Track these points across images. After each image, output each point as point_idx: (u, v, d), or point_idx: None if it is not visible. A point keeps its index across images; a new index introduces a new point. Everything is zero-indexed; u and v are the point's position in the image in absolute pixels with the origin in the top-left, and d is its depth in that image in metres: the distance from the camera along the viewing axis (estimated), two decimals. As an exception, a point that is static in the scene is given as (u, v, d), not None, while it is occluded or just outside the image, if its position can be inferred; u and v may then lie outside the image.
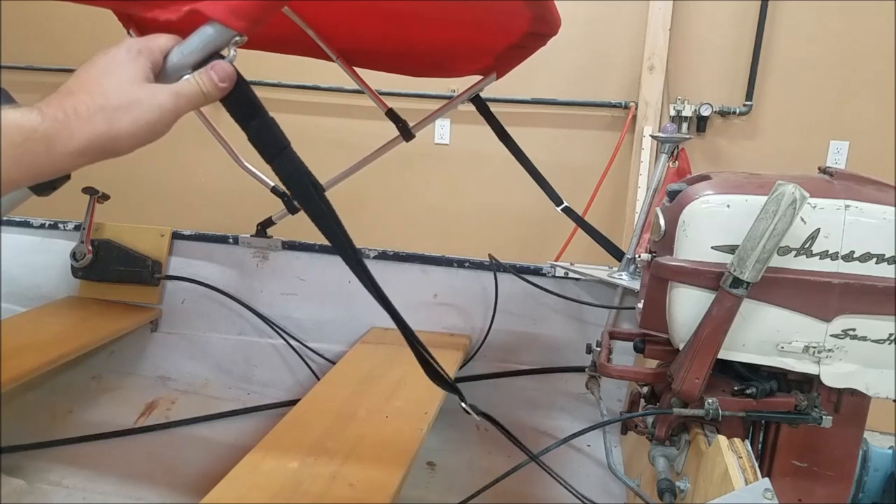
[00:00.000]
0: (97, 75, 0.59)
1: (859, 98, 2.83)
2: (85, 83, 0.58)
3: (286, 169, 0.76)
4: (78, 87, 0.58)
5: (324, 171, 1.10)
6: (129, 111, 0.58)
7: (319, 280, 2.08)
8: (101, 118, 0.56)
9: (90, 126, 0.55)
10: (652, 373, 1.13)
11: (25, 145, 0.52)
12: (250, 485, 1.19)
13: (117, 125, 0.57)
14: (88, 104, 0.56)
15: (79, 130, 0.55)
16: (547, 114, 3.18)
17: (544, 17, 1.36)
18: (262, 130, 0.73)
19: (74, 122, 0.55)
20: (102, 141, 0.57)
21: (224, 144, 1.91)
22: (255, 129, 0.72)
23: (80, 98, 0.56)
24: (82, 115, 0.55)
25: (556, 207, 1.87)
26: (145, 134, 0.60)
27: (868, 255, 0.94)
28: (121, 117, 0.57)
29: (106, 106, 0.57)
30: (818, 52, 2.85)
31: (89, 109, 0.56)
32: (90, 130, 0.55)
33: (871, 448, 1.19)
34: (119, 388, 2.10)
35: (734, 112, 2.95)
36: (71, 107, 0.55)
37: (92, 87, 0.58)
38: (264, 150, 0.74)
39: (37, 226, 2.20)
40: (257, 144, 0.73)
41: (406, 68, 1.84)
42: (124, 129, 0.58)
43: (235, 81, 0.67)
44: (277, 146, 0.74)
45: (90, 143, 0.56)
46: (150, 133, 0.60)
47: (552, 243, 2.93)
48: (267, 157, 0.74)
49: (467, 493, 1.31)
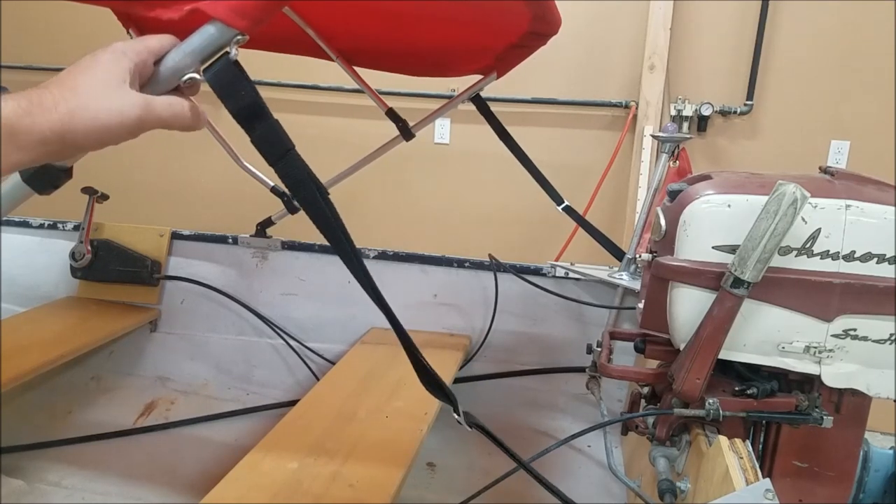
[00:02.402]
0: (75, 72, 0.60)
1: (860, 98, 2.83)
2: (62, 79, 0.60)
3: (290, 172, 0.75)
4: (53, 82, 0.59)
5: (324, 170, 1.09)
6: (92, 110, 0.58)
7: (319, 280, 2.08)
8: (62, 110, 0.57)
9: (50, 116, 0.56)
10: (652, 373, 1.13)
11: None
12: (250, 485, 1.19)
13: (77, 119, 0.58)
14: (55, 96, 0.57)
15: (40, 119, 0.56)
16: (547, 113, 3.18)
17: (544, 17, 1.36)
18: (266, 133, 0.72)
19: (37, 111, 0.56)
20: (62, 132, 0.57)
21: (224, 144, 1.91)
22: (259, 131, 0.72)
23: (50, 91, 0.58)
24: (45, 105, 0.56)
25: (557, 207, 1.87)
26: (102, 136, 0.60)
27: (869, 254, 0.93)
28: (81, 113, 0.58)
29: (70, 99, 0.58)
30: (819, 51, 2.85)
31: (53, 101, 0.57)
32: (49, 120, 0.56)
33: (871, 448, 1.18)
34: (118, 388, 2.10)
35: (735, 112, 2.95)
36: (37, 97, 0.57)
37: (65, 82, 0.59)
38: (268, 152, 0.73)
39: (36, 226, 2.19)
40: (261, 147, 0.73)
41: (406, 68, 1.83)
42: (82, 125, 0.58)
43: (238, 84, 0.68)
44: (281, 149, 0.74)
45: (50, 133, 0.56)
46: (107, 136, 0.60)
47: (552, 243, 2.93)
48: (270, 160, 0.74)
49: (467, 494, 1.31)
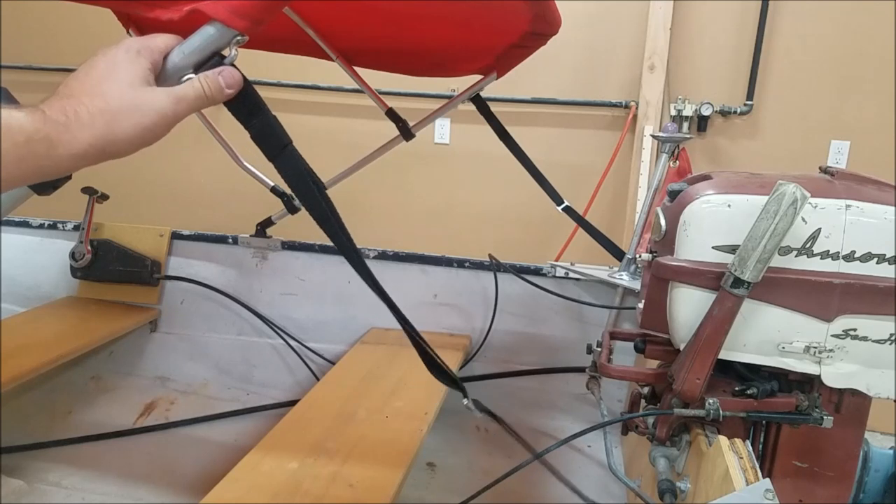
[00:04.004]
0: (98, 78, 0.60)
1: (860, 98, 2.83)
2: (86, 86, 0.59)
3: (288, 167, 0.77)
4: (79, 90, 0.58)
5: (324, 170, 1.09)
6: (129, 116, 0.59)
7: (319, 280, 2.08)
8: (101, 122, 0.57)
9: (91, 130, 0.56)
10: (652, 373, 1.13)
11: (28, 146, 0.53)
12: (250, 485, 1.19)
13: (117, 129, 0.58)
14: (89, 107, 0.57)
15: (80, 133, 0.56)
16: (547, 113, 3.18)
17: (545, 17, 1.36)
18: (264, 128, 0.73)
19: (76, 125, 0.56)
20: (103, 144, 0.57)
21: (224, 144, 1.91)
22: (257, 127, 0.73)
23: (82, 101, 0.57)
24: (83, 118, 0.56)
25: (557, 207, 1.87)
26: (145, 138, 0.61)
27: (869, 255, 0.93)
28: (120, 121, 0.58)
29: (106, 110, 0.58)
30: (819, 51, 2.85)
31: (90, 113, 0.57)
32: (90, 134, 0.56)
33: (871, 448, 1.18)
34: (118, 388, 2.09)
35: (735, 111, 2.95)
36: (72, 110, 0.56)
37: (93, 89, 0.59)
38: (266, 147, 0.75)
39: (36, 226, 2.19)
40: (259, 142, 0.74)
41: (406, 68, 1.83)
42: (123, 133, 0.59)
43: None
44: (279, 144, 0.75)
45: (91, 147, 0.57)
46: (149, 137, 0.61)
47: (552, 243, 2.94)
48: (269, 154, 0.75)
49: (467, 494, 1.31)
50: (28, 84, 3.51)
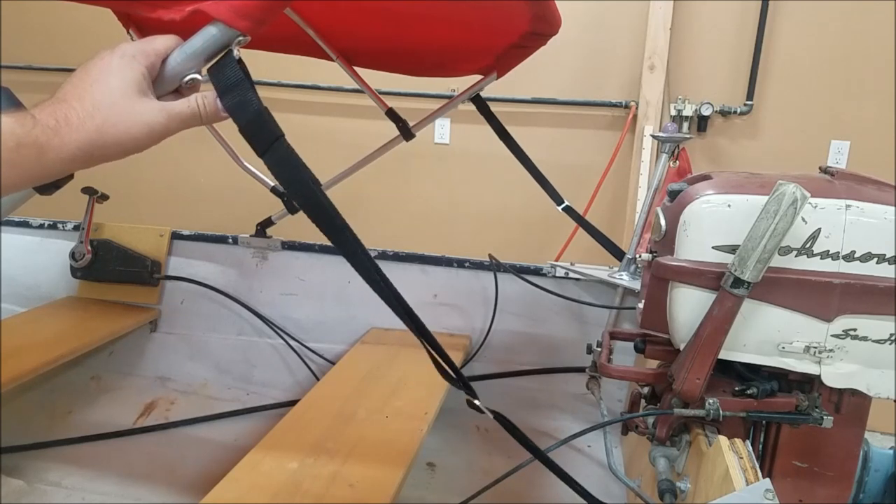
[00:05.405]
0: (90, 83, 0.60)
1: (860, 98, 2.83)
2: (78, 90, 0.59)
3: (279, 159, 0.71)
4: (71, 94, 0.59)
5: (324, 170, 1.09)
6: (118, 124, 0.59)
7: (319, 280, 2.08)
8: (90, 127, 0.57)
9: (79, 135, 0.57)
10: (652, 373, 1.13)
11: (18, 151, 0.53)
12: (250, 485, 1.19)
13: (106, 135, 0.58)
14: (79, 112, 0.57)
15: (69, 138, 0.56)
16: (547, 113, 3.18)
17: (545, 17, 1.36)
18: (254, 120, 0.68)
19: (65, 129, 0.56)
20: (91, 149, 0.58)
21: (224, 144, 1.91)
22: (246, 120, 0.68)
23: (73, 105, 0.57)
24: (73, 123, 0.56)
25: (557, 207, 1.87)
26: (135, 146, 0.61)
27: (869, 255, 0.93)
28: (109, 129, 0.58)
29: (95, 116, 0.58)
30: (819, 51, 2.85)
31: (79, 118, 0.57)
32: (79, 139, 0.57)
33: (871, 448, 1.18)
34: (118, 388, 2.09)
35: (735, 111, 2.95)
36: (62, 114, 0.56)
37: (84, 95, 0.59)
38: (255, 141, 0.69)
39: (36, 226, 2.19)
40: (247, 135, 0.69)
41: (406, 68, 1.83)
42: (112, 140, 0.59)
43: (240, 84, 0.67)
44: (270, 137, 0.70)
45: (80, 150, 0.57)
46: (137, 146, 0.61)
47: (552, 243, 2.93)
48: (258, 149, 0.70)
49: (467, 494, 1.31)
50: (28, 84, 3.51)
